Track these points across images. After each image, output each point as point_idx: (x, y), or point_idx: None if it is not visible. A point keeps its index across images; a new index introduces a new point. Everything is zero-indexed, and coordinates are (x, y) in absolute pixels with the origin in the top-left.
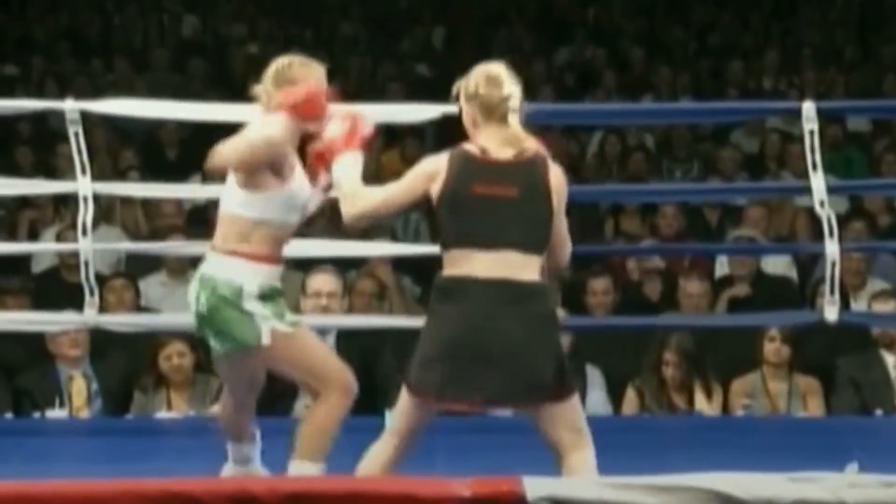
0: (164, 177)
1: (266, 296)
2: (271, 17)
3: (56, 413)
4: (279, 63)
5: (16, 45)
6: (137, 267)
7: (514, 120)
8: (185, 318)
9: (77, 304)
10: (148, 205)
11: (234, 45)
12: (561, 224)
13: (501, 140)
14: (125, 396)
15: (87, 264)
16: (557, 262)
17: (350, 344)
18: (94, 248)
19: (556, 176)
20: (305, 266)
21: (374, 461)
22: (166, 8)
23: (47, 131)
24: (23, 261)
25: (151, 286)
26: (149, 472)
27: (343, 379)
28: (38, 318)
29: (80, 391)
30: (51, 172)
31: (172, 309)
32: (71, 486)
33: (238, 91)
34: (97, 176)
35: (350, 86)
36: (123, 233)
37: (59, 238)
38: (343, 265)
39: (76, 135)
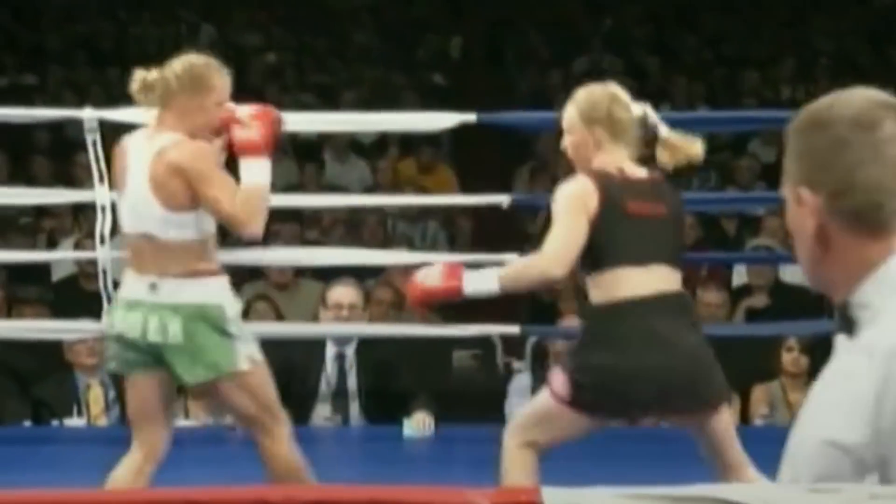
0: None
1: (239, 315)
2: (285, 26)
3: (74, 421)
4: (193, 63)
5: (32, 54)
6: None
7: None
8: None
9: (95, 312)
10: None
11: (250, 54)
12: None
13: (628, 161)
14: None
15: (104, 273)
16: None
17: (369, 353)
18: (112, 256)
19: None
20: (324, 276)
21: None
22: (182, 17)
23: (65, 140)
24: (42, 270)
25: None
26: (166, 481)
27: (280, 410)
28: (56, 327)
29: (97, 400)
30: (69, 182)
31: None
32: (88, 495)
33: (254, 100)
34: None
35: (364, 94)
36: None
37: (77, 247)
38: (361, 274)
39: (94, 143)
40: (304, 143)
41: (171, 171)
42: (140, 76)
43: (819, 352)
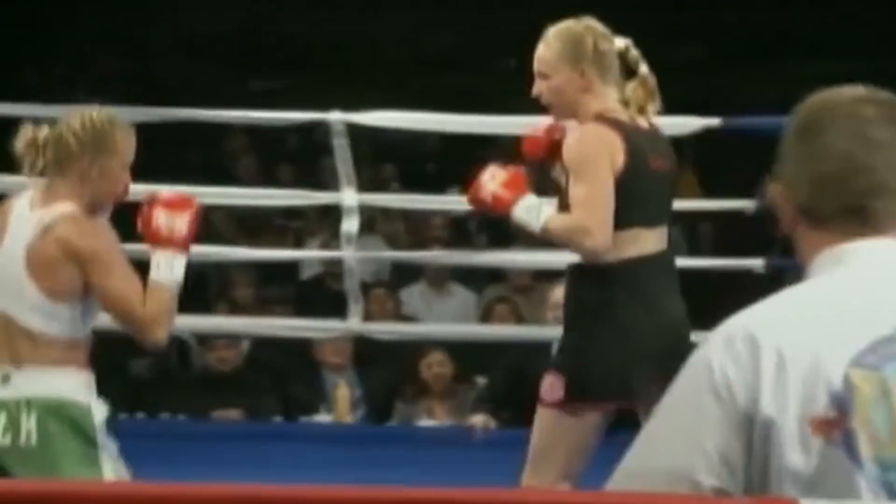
0: (425, 188)
1: (108, 422)
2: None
3: (322, 418)
4: (96, 117)
5: (284, 59)
6: (398, 277)
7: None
8: (445, 328)
9: (340, 312)
10: (410, 217)
11: (485, 60)
12: (574, 194)
13: (621, 105)
14: (387, 404)
15: (351, 273)
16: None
17: None
18: (357, 256)
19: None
20: (551, 278)
21: None
22: (424, 18)
23: (313, 144)
24: (291, 269)
25: (412, 296)
26: (409, 480)
27: None
28: (304, 325)
29: (344, 398)
30: (316, 183)
31: (434, 319)
32: (336, 492)
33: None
34: (360, 187)
35: None
36: (385, 243)
37: (323, 247)
38: None
39: (341, 147)
40: None
41: (60, 252)
42: (28, 134)
43: None
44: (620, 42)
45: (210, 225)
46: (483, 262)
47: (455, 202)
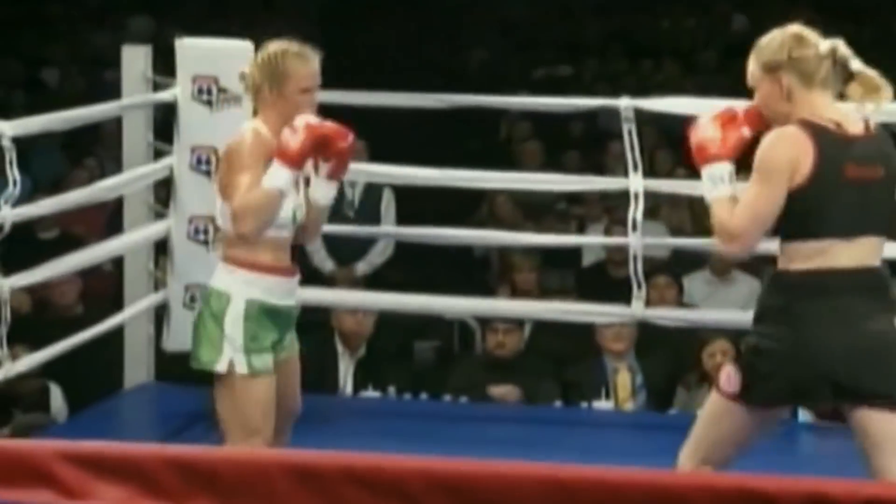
0: None
1: (250, 314)
2: (826, 15)
3: (602, 404)
4: (271, 50)
5: (569, 47)
6: (681, 266)
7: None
8: (729, 316)
9: (621, 298)
10: (694, 204)
11: None
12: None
13: (834, 108)
14: (668, 392)
15: (635, 259)
16: None
17: None
18: (643, 242)
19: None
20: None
21: None
22: (715, 8)
23: (597, 130)
24: (573, 256)
25: (695, 284)
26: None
27: (254, 435)
28: (587, 310)
29: (624, 384)
30: (599, 170)
31: (715, 307)
32: (641, 475)
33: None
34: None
35: None
36: (667, 230)
37: (606, 233)
38: None
39: (629, 132)
40: None
41: (223, 158)
42: (244, 70)
43: None
44: (825, 45)
45: (494, 210)
46: (769, 251)
47: (741, 190)
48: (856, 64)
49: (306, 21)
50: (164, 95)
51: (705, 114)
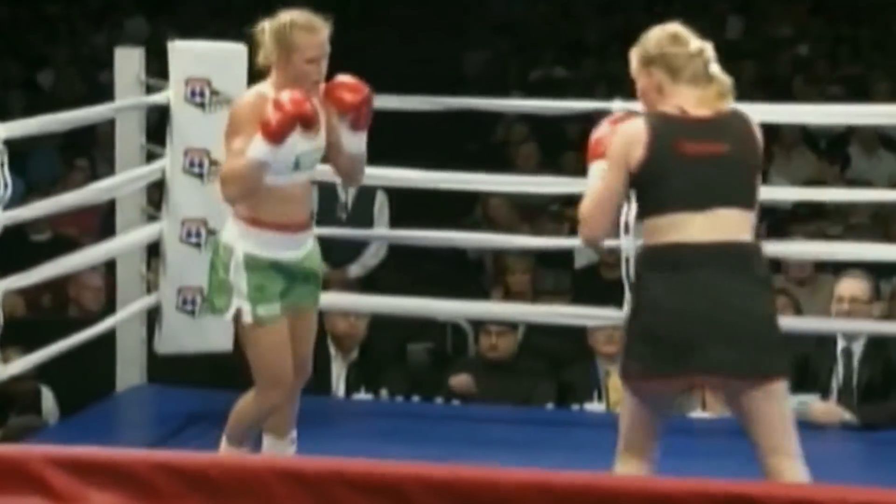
0: None
1: (252, 266)
2: (822, 17)
3: (594, 406)
4: (281, 20)
5: (568, 48)
6: None
7: (713, 76)
8: None
9: (614, 300)
10: None
11: (780, 45)
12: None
13: (696, 100)
14: None
15: (627, 261)
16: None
17: (878, 351)
18: (635, 245)
19: (758, 131)
20: (833, 270)
21: None
22: (712, 9)
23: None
24: (566, 257)
25: None
26: (683, 472)
27: (274, 384)
28: (579, 313)
29: (616, 387)
30: None
31: None
32: (632, 482)
33: (784, 93)
34: None
35: None
36: None
37: None
38: (885, 272)
39: None
40: (830, 137)
41: (228, 117)
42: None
43: None
44: (696, 44)
45: (489, 211)
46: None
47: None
48: (713, 68)
49: None
50: (158, 98)
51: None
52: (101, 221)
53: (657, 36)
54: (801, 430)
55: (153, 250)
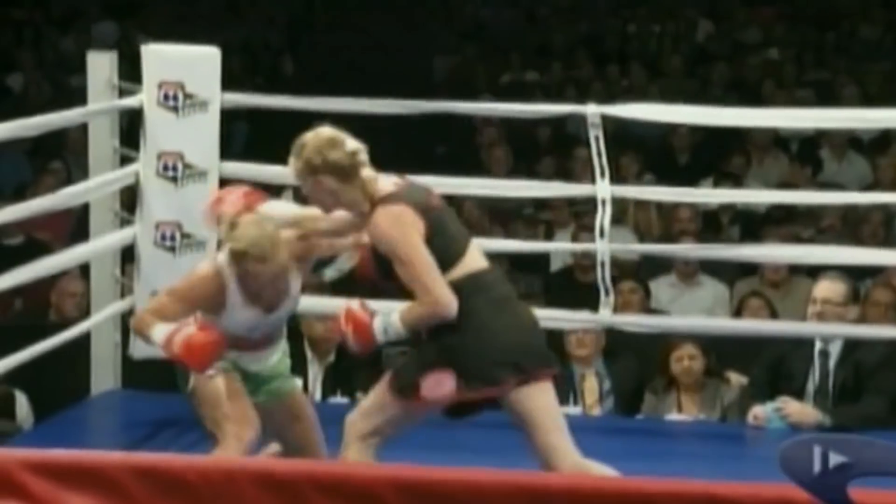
0: (676, 181)
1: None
2: (788, 22)
3: (569, 410)
4: (236, 248)
5: (536, 52)
6: (648, 270)
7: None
8: (698, 322)
9: (589, 303)
10: (661, 208)
11: (748, 50)
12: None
13: (378, 179)
14: (636, 397)
15: (602, 265)
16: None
17: (852, 354)
18: (610, 248)
19: (376, 224)
20: (807, 272)
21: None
22: (682, 14)
23: (565, 136)
24: (541, 261)
25: (661, 288)
26: (659, 473)
27: (236, 431)
28: (555, 316)
29: (591, 390)
30: (566, 176)
31: (681, 311)
32: (615, 482)
33: (753, 97)
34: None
35: (870, 91)
36: (634, 235)
37: (574, 238)
38: (858, 274)
39: (596, 139)
40: (800, 141)
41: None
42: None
43: None
44: (351, 145)
45: (462, 215)
46: (736, 256)
47: (707, 195)
48: (366, 172)
49: (273, 27)
50: (130, 101)
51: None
52: (74, 225)
53: (314, 144)
54: (777, 435)
55: (127, 254)
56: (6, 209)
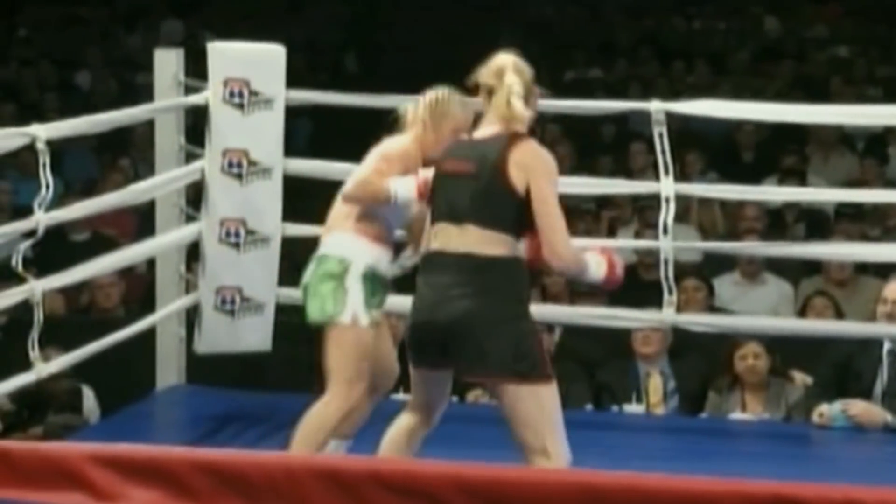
0: (740, 178)
1: (368, 277)
2: (857, 18)
3: (633, 408)
4: (438, 94)
5: (600, 49)
6: (712, 267)
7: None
8: (762, 322)
9: (651, 301)
10: (725, 206)
11: (816, 47)
12: (538, 209)
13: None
14: (700, 396)
15: (666, 262)
16: (545, 253)
17: None
18: (673, 246)
19: (525, 154)
20: (874, 272)
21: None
22: (748, 10)
23: (628, 133)
24: None
25: (725, 286)
26: (723, 473)
27: (355, 386)
28: (617, 314)
29: (656, 388)
30: (629, 173)
31: (745, 309)
32: (674, 482)
33: (819, 94)
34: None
35: None
36: (698, 233)
37: (637, 236)
38: None
39: (660, 136)
40: (867, 138)
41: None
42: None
43: None
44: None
45: None
46: (801, 254)
47: (772, 192)
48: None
49: (336, 24)
50: (196, 98)
51: None
52: (140, 222)
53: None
54: (842, 435)
55: (192, 250)
56: (74, 206)
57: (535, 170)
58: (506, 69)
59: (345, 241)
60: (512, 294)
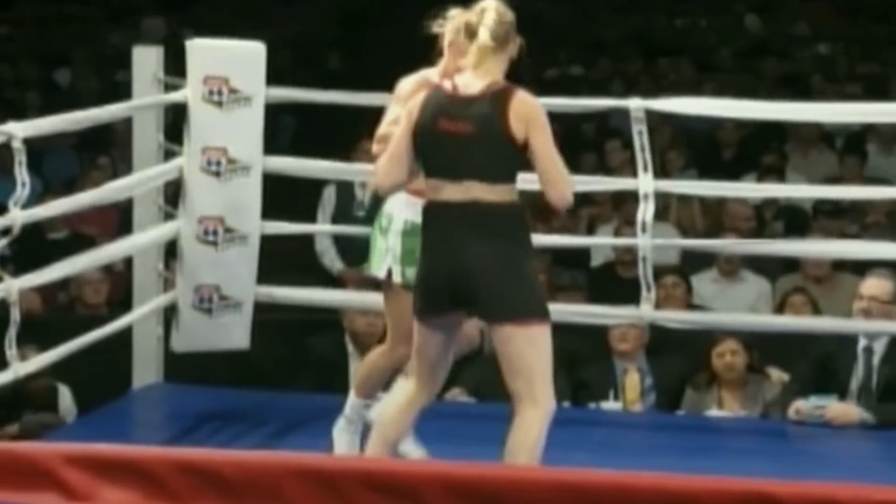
0: (720, 176)
1: (408, 233)
2: (838, 16)
3: (610, 405)
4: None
5: (585, 46)
6: (690, 265)
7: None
8: (740, 318)
9: (630, 298)
10: (705, 203)
11: (799, 44)
12: (543, 158)
13: (466, 72)
14: (678, 393)
15: (644, 260)
16: (551, 198)
17: None
18: (652, 244)
19: (524, 105)
20: (852, 269)
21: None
22: (731, 8)
23: (609, 131)
24: (582, 255)
25: (703, 283)
26: (701, 470)
27: (403, 339)
28: (596, 311)
29: (633, 385)
30: (611, 170)
31: (724, 306)
32: (651, 479)
33: (804, 92)
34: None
35: None
36: (677, 230)
37: (616, 234)
38: None
39: (640, 133)
40: (847, 136)
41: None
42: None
43: None
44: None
45: None
46: (780, 252)
47: (750, 189)
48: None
49: (325, 22)
50: (175, 96)
51: None
52: (119, 220)
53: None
54: (819, 431)
55: (170, 249)
56: (52, 203)
57: (534, 121)
58: (487, 7)
59: (394, 198)
60: (517, 237)
